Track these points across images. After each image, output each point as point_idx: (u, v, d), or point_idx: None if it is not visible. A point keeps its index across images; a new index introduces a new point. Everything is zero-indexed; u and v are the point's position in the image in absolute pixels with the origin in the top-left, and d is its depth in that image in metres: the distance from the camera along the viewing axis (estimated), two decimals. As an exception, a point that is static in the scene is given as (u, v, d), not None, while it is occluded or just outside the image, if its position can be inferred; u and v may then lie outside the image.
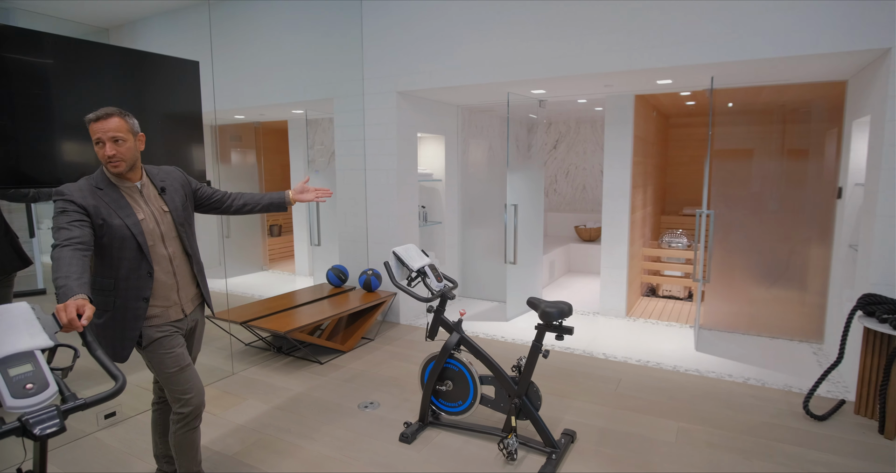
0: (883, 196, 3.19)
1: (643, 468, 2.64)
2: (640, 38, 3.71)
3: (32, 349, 1.32)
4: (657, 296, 6.10)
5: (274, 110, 6.25)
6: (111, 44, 2.99)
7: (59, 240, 1.75)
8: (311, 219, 6.01)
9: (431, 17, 4.49)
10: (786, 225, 4.83)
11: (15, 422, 1.21)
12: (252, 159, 7.45)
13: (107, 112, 1.92)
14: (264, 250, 7.91)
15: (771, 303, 4.85)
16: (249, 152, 7.44)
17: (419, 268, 2.90)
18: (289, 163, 7.62)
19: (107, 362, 1.49)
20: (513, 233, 4.96)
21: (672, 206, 7.49)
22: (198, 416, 2.16)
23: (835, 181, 4.34)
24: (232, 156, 7.21)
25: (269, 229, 8.11)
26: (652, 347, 4.39)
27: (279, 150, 7.96)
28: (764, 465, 2.65)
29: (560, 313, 2.57)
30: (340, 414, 3.24)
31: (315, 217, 5.92)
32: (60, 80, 2.77)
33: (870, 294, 3.16)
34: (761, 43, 3.39)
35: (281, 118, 7.07)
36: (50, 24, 5.06)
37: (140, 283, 1.99)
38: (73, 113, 2.74)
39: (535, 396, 2.77)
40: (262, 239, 7.91)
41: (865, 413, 3.15)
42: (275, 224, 8.39)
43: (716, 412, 3.23)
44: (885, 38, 3.09)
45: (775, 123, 4.98)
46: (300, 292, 4.97)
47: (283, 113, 6.54)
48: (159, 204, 2.10)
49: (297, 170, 7.18)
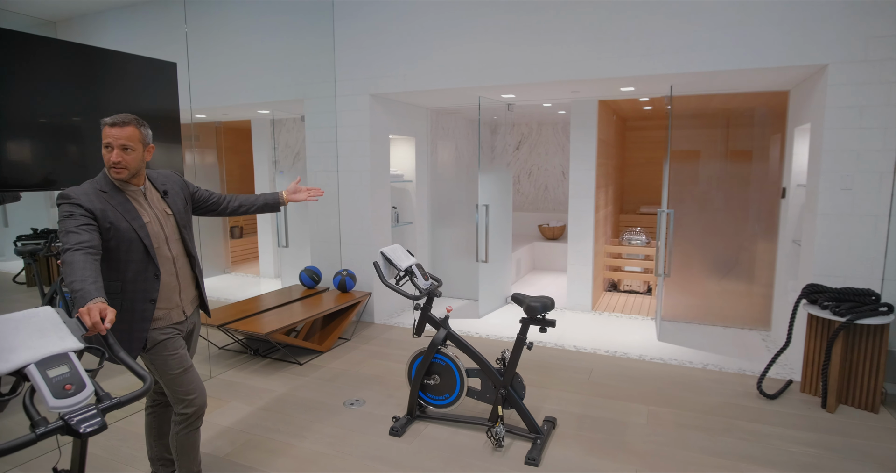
0: (823, 196, 3.52)
1: (620, 448, 2.85)
2: (607, 48, 3.94)
3: (66, 351, 1.37)
4: (618, 291, 6.41)
5: (238, 110, 6.20)
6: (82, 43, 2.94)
7: (70, 244, 1.78)
8: (279, 220, 5.99)
9: (405, 22, 4.60)
10: (735, 222, 5.20)
11: (59, 421, 1.27)
12: (212, 159, 7.33)
13: (124, 120, 1.95)
14: (226, 253, 7.80)
15: (723, 295, 5.21)
16: (209, 152, 7.32)
17: (407, 267, 3.01)
18: (250, 163, 7.56)
19: (131, 363, 1.55)
20: (485, 232, 5.13)
21: (629, 205, 7.86)
22: (200, 416, 2.22)
23: (779, 182, 4.72)
24: (190, 156, 7.08)
25: (230, 230, 8.00)
26: (618, 338, 4.65)
27: (240, 150, 7.88)
28: (727, 440, 2.91)
29: (544, 307, 2.75)
30: (327, 412, 3.31)
31: (283, 218, 5.91)
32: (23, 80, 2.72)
33: (813, 284, 3.49)
34: (716, 57, 3.67)
35: (244, 118, 7.00)
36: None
37: (147, 285, 2.03)
38: (54, 114, 2.72)
39: (520, 386, 2.94)
40: (223, 241, 7.80)
41: (810, 391, 3.47)
42: (235, 226, 8.28)
43: (680, 395, 3.49)
44: (824, 55, 3.42)
45: (725, 128, 5.35)
46: (273, 294, 4.98)
47: (247, 113, 6.49)
48: (162, 207, 2.15)
49: (262, 170, 7.14)
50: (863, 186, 3.42)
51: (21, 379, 1.28)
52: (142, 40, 5.63)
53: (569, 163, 8.14)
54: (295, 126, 7.08)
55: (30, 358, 1.28)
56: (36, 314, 1.41)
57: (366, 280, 5.15)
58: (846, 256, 3.50)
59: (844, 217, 3.48)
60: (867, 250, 3.45)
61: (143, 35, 5.62)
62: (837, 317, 3.18)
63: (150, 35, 5.58)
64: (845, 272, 3.51)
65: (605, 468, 2.67)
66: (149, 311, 2.04)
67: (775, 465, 2.68)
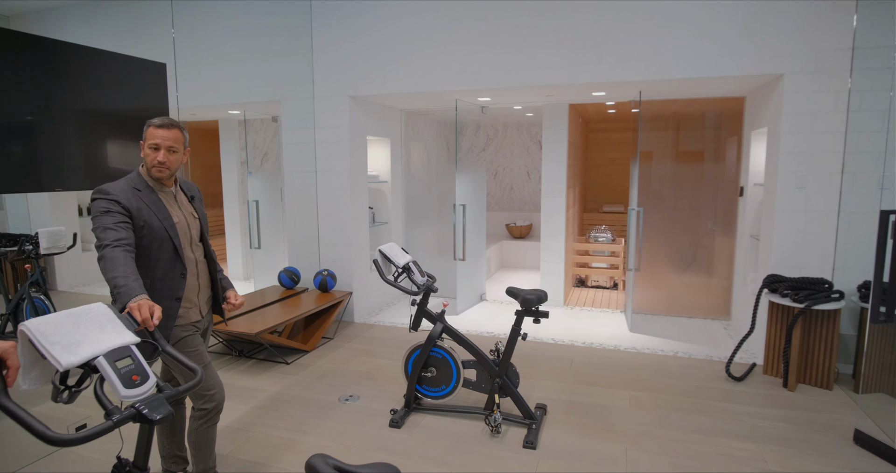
0: (780, 195, 3.84)
1: (609, 430, 3.04)
2: (582, 55, 4.16)
3: (128, 344, 1.42)
4: (586, 286, 6.69)
5: (208, 110, 6.12)
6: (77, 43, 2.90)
7: (109, 240, 1.81)
8: (251, 221, 5.95)
9: (385, 25, 4.69)
10: (696, 220, 5.54)
11: (132, 410, 1.33)
12: (175, 160, 7.17)
13: (171, 122, 2.00)
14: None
15: (686, 288, 5.54)
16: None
17: (404, 264, 3.12)
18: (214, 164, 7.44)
19: (180, 356, 1.61)
20: (462, 231, 5.27)
21: (592, 204, 8.18)
22: (219, 411, 2.26)
23: (737, 181, 5.07)
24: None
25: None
26: (592, 331, 4.89)
27: (204, 151, 7.74)
28: (702, 418, 3.16)
29: (538, 299, 2.91)
30: (324, 408, 3.38)
31: (255, 219, 5.87)
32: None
33: (773, 275, 3.80)
34: (682, 65, 3.95)
35: (212, 118, 6.90)
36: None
37: (174, 283, 2.07)
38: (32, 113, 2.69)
39: (514, 375, 3.10)
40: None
41: (772, 373, 3.79)
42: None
43: (656, 380, 3.74)
44: (780, 66, 3.74)
45: (685, 130, 5.69)
46: (252, 295, 4.96)
47: (217, 113, 6.41)
48: (190, 210, 2.20)
49: (230, 171, 7.06)
50: (815, 185, 3.76)
51: (88, 371, 1.33)
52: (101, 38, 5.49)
53: (533, 164, 8.42)
54: (263, 127, 7.02)
55: (97, 351, 1.33)
56: (91, 309, 1.45)
57: (346, 280, 5.21)
58: (801, 248, 3.83)
59: (799, 213, 3.81)
60: (820, 242, 3.79)
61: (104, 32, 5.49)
62: (796, 304, 3.49)
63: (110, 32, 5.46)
64: (801, 263, 3.84)
65: (598, 448, 2.86)
66: (174, 308, 2.08)
67: (747, 439, 2.94)
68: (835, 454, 2.79)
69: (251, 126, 7.05)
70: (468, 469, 2.68)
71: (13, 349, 1.23)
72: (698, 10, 3.87)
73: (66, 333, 1.35)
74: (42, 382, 1.34)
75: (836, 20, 3.61)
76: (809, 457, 2.76)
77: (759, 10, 3.75)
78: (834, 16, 3.61)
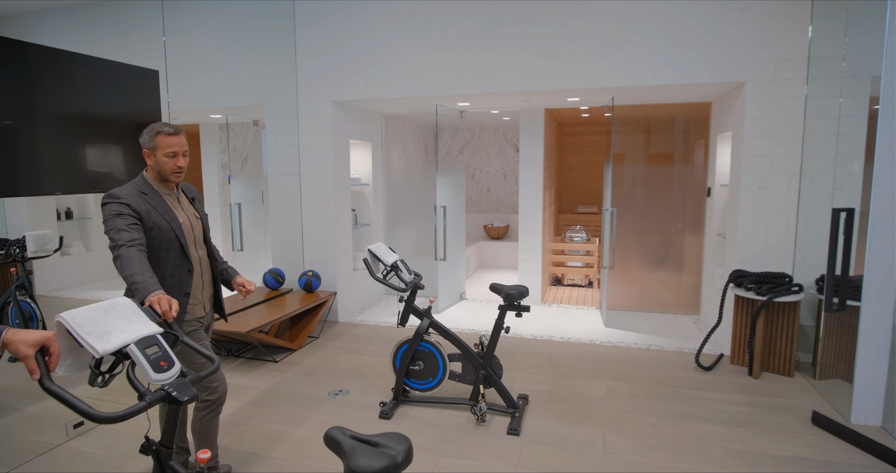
0: (744, 195, 4.10)
1: (587, 417, 3.23)
2: (558, 63, 4.36)
3: (154, 333, 1.54)
4: (562, 285, 6.91)
5: (190, 114, 6.16)
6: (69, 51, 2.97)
7: (124, 241, 1.91)
8: (233, 224, 6.00)
9: (368, 31, 4.82)
10: (667, 219, 5.81)
11: (161, 392, 1.44)
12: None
13: (178, 129, 2.12)
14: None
15: (658, 285, 5.80)
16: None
17: (392, 263, 3.26)
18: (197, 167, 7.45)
19: (197, 346, 1.73)
20: (443, 232, 5.43)
21: (567, 205, 8.42)
22: (222, 403, 2.37)
23: (704, 182, 5.34)
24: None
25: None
26: (569, 326, 5.09)
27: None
28: (673, 405, 3.37)
29: (520, 294, 3.09)
30: (314, 402, 3.49)
31: (237, 222, 5.93)
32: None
33: (738, 270, 4.05)
34: (652, 73, 4.18)
35: (193, 122, 6.92)
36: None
37: (182, 280, 2.18)
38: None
39: (498, 366, 3.26)
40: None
41: (738, 362, 4.03)
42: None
43: (631, 371, 3.95)
44: (742, 74, 4.00)
45: (655, 134, 5.96)
46: (237, 296, 5.03)
47: (198, 117, 6.45)
48: (192, 211, 2.30)
49: (210, 174, 7.08)
50: (776, 185, 4.03)
51: (120, 358, 1.44)
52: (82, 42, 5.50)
53: (509, 166, 8.63)
54: (244, 130, 7.08)
55: (128, 339, 1.44)
56: (117, 302, 1.56)
57: (330, 280, 5.31)
58: (764, 245, 4.09)
59: (762, 212, 4.08)
60: (781, 239, 4.05)
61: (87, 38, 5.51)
62: (759, 297, 3.74)
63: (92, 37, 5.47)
64: (764, 259, 4.10)
65: (578, 433, 3.04)
66: (183, 304, 2.19)
67: (715, 422, 3.16)
68: (794, 433, 3.03)
69: (231, 130, 7.10)
70: (457, 454, 2.83)
71: (54, 337, 1.34)
72: (667, 21, 4.11)
73: (98, 324, 1.46)
74: (75, 369, 1.45)
75: (794, 32, 3.88)
76: (771, 437, 2.99)
77: (723, 22, 4.00)
78: (792, 28, 3.88)
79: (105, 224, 2.00)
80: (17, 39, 2.65)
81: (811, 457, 2.78)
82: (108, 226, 1.98)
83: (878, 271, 2.95)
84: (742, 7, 3.95)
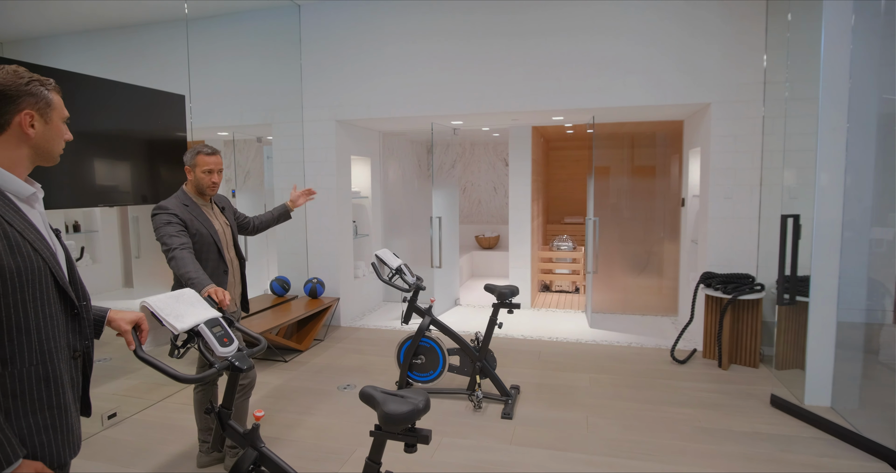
0: (712, 204, 4.54)
1: (572, 403, 3.61)
2: (543, 86, 4.80)
3: (217, 316, 1.90)
4: (551, 291, 7.31)
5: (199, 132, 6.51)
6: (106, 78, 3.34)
7: (176, 245, 2.29)
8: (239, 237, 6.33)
9: (368, 55, 5.25)
10: (646, 228, 6.24)
11: (227, 362, 1.80)
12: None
13: (216, 150, 2.49)
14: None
15: (639, 289, 6.21)
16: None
17: (397, 266, 3.64)
18: (200, 182, 7.76)
19: (247, 330, 2.09)
20: (438, 241, 5.82)
21: (555, 216, 8.85)
22: (253, 387, 2.73)
23: (679, 194, 5.79)
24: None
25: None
26: (557, 328, 5.48)
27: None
28: (651, 393, 3.76)
29: (511, 292, 3.48)
30: (325, 395, 3.84)
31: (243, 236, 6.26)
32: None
33: (707, 272, 4.47)
34: (628, 95, 4.63)
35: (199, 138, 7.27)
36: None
37: (219, 279, 2.55)
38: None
39: (492, 359, 3.64)
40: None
41: (710, 356, 4.43)
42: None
43: (613, 365, 4.33)
44: (707, 96, 4.46)
45: (635, 148, 6.41)
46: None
47: (205, 134, 6.81)
48: (223, 220, 2.68)
49: (215, 189, 7.41)
50: (739, 196, 4.47)
51: (192, 335, 1.80)
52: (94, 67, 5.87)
53: (499, 179, 9.06)
54: (247, 147, 7.45)
55: (198, 320, 1.81)
56: (184, 292, 1.93)
57: (333, 287, 5.67)
58: (730, 249, 4.52)
59: (728, 220, 4.51)
60: (745, 244, 4.49)
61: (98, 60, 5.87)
62: (725, 295, 4.16)
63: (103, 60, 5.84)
64: (730, 262, 4.52)
65: (563, 417, 3.41)
66: (221, 301, 2.55)
67: (686, 406, 3.55)
68: (755, 414, 3.42)
69: (236, 146, 7.47)
70: (457, 435, 3.19)
71: (145, 318, 1.70)
72: (641, 49, 4.57)
73: (173, 308, 1.82)
74: (154, 344, 1.81)
75: (752, 59, 4.35)
76: (734, 417, 3.38)
77: (691, 50, 4.47)
78: (750, 55, 4.35)
79: (157, 232, 2.37)
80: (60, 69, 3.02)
81: (768, 432, 3.18)
82: (161, 233, 2.35)
83: (823, 271, 3.37)
84: (707, 37, 4.42)
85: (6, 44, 6.22)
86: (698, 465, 2.82)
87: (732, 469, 2.78)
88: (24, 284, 1.20)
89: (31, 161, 1.34)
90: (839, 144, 3.31)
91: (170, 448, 3.10)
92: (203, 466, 2.82)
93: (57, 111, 1.36)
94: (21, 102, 1.28)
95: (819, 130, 3.31)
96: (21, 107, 1.28)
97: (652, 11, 4.52)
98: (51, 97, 1.34)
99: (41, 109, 1.32)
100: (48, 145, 1.36)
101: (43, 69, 2.94)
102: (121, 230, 5.82)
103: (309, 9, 5.42)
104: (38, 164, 1.36)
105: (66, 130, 1.39)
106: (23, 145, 1.30)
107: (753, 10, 4.33)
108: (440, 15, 5.03)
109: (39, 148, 1.34)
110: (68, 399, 1.31)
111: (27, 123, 1.29)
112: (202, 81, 5.78)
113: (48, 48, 6.01)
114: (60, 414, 1.28)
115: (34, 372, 1.23)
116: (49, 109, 1.34)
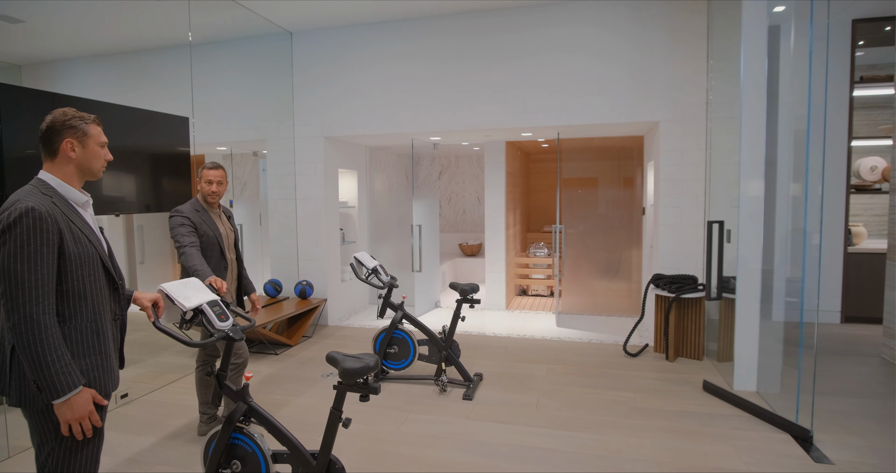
0: (661, 212, 5.04)
1: (528, 388, 4.07)
2: (511, 107, 5.33)
3: (216, 299, 2.38)
4: (528, 295, 7.78)
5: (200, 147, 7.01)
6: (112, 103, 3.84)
7: (187, 243, 2.78)
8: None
9: (353, 77, 5.77)
10: (613, 235, 6.73)
11: (223, 333, 2.28)
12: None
13: (217, 164, 2.99)
14: (175, 275, 8.39)
15: (608, 292, 6.69)
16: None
17: (373, 267, 4.12)
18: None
19: (240, 311, 2.57)
20: (418, 247, 6.30)
21: (535, 224, 9.35)
22: (246, 365, 3.19)
23: (641, 203, 6.29)
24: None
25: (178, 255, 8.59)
26: (526, 327, 5.95)
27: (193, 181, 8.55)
28: (601, 380, 4.23)
29: (472, 289, 3.96)
30: (310, 381, 4.29)
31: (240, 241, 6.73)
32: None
33: (657, 274, 4.96)
34: (587, 113, 5.15)
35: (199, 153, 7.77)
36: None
37: (219, 275, 3.03)
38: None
39: (457, 349, 4.10)
40: (171, 265, 8.39)
41: (659, 350, 4.91)
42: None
43: (571, 357, 4.81)
44: (656, 115, 4.98)
45: (604, 161, 6.93)
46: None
47: (203, 149, 7.30)
48: (228, 226, 3.17)
49: (213, 199, 7.89)
50: (686, 204, 4.97)
51: (197, 313, 2.28)
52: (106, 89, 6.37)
53: (483, 190, 9.56)
54: (243, 160, 7.94)
55: (202, 301, 2.28)
56: (191, 280, 2.41)
57: (321, 289, 6.14)
58: (678, 252, 5.02)
59: (676, 226, 5.01)
60: (691, 248, 4.98)
61: (109, 81, 6.38)
62: (670, 293, 4.64)
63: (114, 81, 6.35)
64: (679, 264, 5.02)
65: (517, 399, 3.88)
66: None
67: (628, 390, 4.01)
68: (688, 397, 3.89)
69: (233, 160, 7.97)
70: (422, 413, 3.65)
71: (161, 298, 2.18)
72: (598, 72, 5.09)
73: (182, 292, 2.30)
74: (167, 320, 2.28)
75: (695, 81, 4.88)
76: (669, 399, 3.85)
77: (642, 73, 4.99)
78: (693, 78, 4.88)
79: (172, 230, 2.87)
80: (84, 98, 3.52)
81: (696, 411, 3.64)
82: (175, 232, 2.84)
83: (746, 270, 3.86)
84: (657, 60, 4.95)
85: (25, 67, 6.74)
86: (625, 435, 3.29)
87: (653, 439, 3.24)
88: (82, 264, 1.69)
89: (79, 177, 1.82)
90: (759, 156, 3.80)
91: (174, 421, 3.55)
92: (203, 434, 3.28)
93: (93, 138, 1.85)
94: (64, 133, 1.77)
95: (741, 145, 3.81)
96: (64, 136, 1.77)
97: (609, 34, 5.06)
98: (87, 128, 1.82)
99: (79, 137, 1.80)
100: (88, 165, 1.84)
101: (78, 102, 3.44)
102: (126, 237, 6.29)
103: (300, 36, 5.95)
104: (86, 179, 1.85)
105: (107, 152, 1.88)
106: (70, 165, 1.79)
107: (695, 37, 4.86)
108: (419, 40, 5.57)
109: (82, 167, 1.82)
110: (111, 348, 1.79)
111: (69, 148, 1.77)
112: (204, 100, 6.31)
113: (63, 71, 6.52)
114: (105, 358, 1.75)
115: (88, 327, 1.71)
116: (86, 137, 1.82)
